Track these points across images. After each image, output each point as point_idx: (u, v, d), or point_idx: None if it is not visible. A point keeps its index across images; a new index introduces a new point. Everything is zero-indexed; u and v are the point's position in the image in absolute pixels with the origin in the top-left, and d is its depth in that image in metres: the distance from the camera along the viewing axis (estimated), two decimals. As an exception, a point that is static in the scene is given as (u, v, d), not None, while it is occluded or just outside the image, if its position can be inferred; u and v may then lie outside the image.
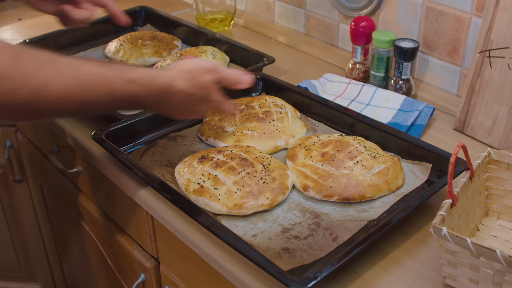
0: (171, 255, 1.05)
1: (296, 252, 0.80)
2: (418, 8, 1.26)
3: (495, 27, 1.04)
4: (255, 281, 0.79)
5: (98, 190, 1.25)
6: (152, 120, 1.09)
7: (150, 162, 1.01)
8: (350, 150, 0.95)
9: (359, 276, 0.80)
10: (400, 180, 0.94)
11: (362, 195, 0.90)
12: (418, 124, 1.12)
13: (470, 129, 1.12)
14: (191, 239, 0.88)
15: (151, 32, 1.45)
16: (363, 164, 0.93)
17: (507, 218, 0.89)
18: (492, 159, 0.87)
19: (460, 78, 1.24)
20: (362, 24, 1.26)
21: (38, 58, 0.72)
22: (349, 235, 0.83)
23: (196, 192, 0.90)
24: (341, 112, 1.09)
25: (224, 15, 1.61)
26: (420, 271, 0.81)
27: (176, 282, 1.06)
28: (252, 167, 0.92)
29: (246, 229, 0.86)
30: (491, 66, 1.06)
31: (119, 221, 1.20)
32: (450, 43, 1.22)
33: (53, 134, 1.35)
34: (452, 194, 0.77)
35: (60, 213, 1.56)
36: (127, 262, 1.22)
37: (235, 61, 1.37)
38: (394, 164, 0.95)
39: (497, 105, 1.06)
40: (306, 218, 0.88)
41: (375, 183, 0.91)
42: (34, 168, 1.61)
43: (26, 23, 1.67)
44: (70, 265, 1.71)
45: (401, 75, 1.21)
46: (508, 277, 0.69)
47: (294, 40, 1.54)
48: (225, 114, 1.07)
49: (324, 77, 1.28)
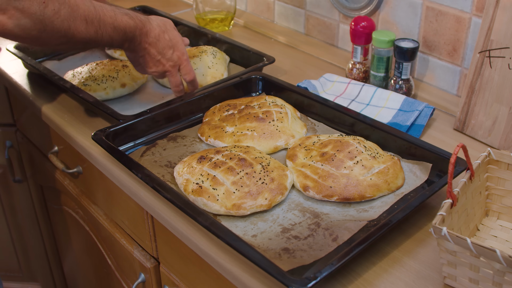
0: (171, 255, 1.05)
1: (296, 253, 0.80)
2: (418, 8, 1.26)
3: (495, 27, 1.04)
4: (255, 281, 0.79)
5: (98, 190, 1.25)
6: (152, 120, 1.09)
7: (150, 162, 1.01)
8: (350, 150, 0.95)
9: (359, 276, 0.80)
10: (400, 180, 0.94)
11: (362, 195, 0.90)
12: (418, 124, 1.12)
13: (470, 129, 1.12)
14: (191, 239, 0.88)
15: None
16: (363, 164, 0.93)
17: (507, 218, 0.89)
18: (492, 159, 0.87)
19: (460, 78, 1.24)
20: (362, 24, 1.26)
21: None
22: (349, 235, 0.83)
23: (195, 192, 0.90)
24: (341, 112, 1.09)
25: (224, 15, 1.61)
26: (420, 271, 0.81)
27: (176, 282, 1.06)
28: (251, 167, 0.92)
29: (246, 229, 0.86)
30: (491, 66, 1.06)
31: (119, 221, 1.20)
32: (450, 43, 1.22)
33: (53, 134, 1.35)
34: (452, 194, 0.77)
35: (60, 213, 1.56)
36: (127, 262, 1.22)
37: (235, 61, 1.37)
38: (394, 164, 0.95)
39: (497, 105, 1.06)
40: (306, 218, 0.88)
41: (375, 183, 0.91)
42: (34, 168, 1.61)
43: (26, 23, 1.67)
44: (70, 265, 1.71)
45: (401, 75, 1.21)
46: (508, 277, 0.69)
47: (294, 40, 1.54)
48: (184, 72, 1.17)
49: (324, 77, 1.28)
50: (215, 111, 1.12)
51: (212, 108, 1.14)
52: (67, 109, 1.21)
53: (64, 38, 0.95)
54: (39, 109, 1.24)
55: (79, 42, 0.99)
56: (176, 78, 1.16)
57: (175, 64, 1.14)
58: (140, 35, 1.07)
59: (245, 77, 1.22)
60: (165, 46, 1.11)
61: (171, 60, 1.13)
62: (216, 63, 1.29)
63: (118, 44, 1.06)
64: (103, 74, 1.24)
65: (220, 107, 1.13)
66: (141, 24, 1.07)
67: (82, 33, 0.97)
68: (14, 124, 1.62)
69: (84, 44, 1.00)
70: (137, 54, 1.11)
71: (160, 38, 1.10)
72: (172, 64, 1.13)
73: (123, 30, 1.03)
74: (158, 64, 1.12)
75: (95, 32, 0.99)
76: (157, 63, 1.12)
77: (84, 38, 0.98)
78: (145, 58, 1.11)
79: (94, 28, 0.98)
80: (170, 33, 1.12)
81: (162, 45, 1.10)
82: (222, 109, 1.11)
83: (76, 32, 0.96)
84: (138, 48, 1.09)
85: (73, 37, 0.96)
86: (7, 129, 1.63)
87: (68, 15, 0.93)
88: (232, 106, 1.11)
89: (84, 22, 0.96)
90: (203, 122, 1.11)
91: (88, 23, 0.97)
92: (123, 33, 1.04)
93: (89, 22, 0.97)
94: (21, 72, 1.37)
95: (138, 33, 1.06)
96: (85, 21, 0.96)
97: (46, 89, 1.29)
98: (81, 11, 0.95)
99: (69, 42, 0.97)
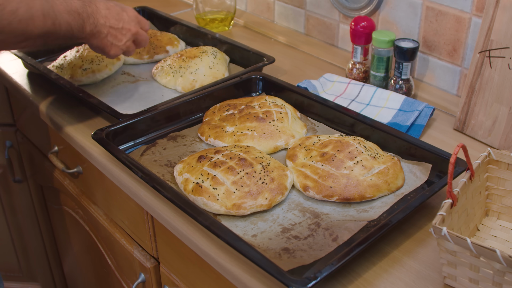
0: (171, 255, 1.05)
1: (296, 253, 0.80)
2: (418, 8, 1.26)
3: (495, 27, 1.04)
4: (255, 281, 0.79)
5: (98, 190, 1.25)
6: (152, 119, 1.09)
7: (150, 162, 1.01)
8: (350, 150, 0.95)
9: (359, 276, 0.80)
10: (400, 180, 0.94)
11: (362, 195, 0.90)
12: (418, 124, 1.12)
13: (470, 129, 1.12)
14: (191, 239, 0.88)
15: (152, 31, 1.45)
16: (363, 164, 0.93)
17: (507, 218, 0.89)
18: (492, 159, 0.87)
19: (460, 78, 1.24)
20: (362, 24, 1.26)
21: None
22: (349, 235, 0.83)
23: (195, 191, 0.90)
24: (341, 112, 1.09)
25: (224, 15, 1.61)
26: (420, 271, 0.81)
27: (176, 282, 1.06)
28: (251, 167, 0.92)
29: (246, 229, 0.86)
30: (491, 66, 1.06)
31: (119, 221, 1.20)
32: (450, 43, 1.22)
33: (53, 134, 1.35)
34: (452, 194, 0.77)
35: (60, 213, 1.56)
36: (127, 262, 1.22)
37: (235, 61, 1.37)
38: (394, 164, 0.95)
39: (497, 105, 1.06)
40: (306, 218, 0.88)
41: (375, 183, 0.91)
42: (34, 168, 1.61)
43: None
44: (70, 265, 1.71)
45: (401, 75, 1.21)
46: (508, 277, 0.69)
47: (294, 40, 1.54)
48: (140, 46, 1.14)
49: (324, 77, 1.28)
50: (215, 111, 1.12)
51: (212, 108, 1.14)
52: (67, 109, 1.21)
53: (22, 36, 0.92)
54: (39, 109, 1.24)
55: (38, 37, 0.94)
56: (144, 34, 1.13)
57: (136, 22, 1.10)
58: (92, 12, 1.02)
59: (245, 77, 1.22)
60: (118, 11, 1.07)
61: (132, 20, 1.09)
62: (217, 63, 1.29)
63: (78, 29, 1.00)
64: (95, 55, 1.29)
65: (220, 107, 1.13)
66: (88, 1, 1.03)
67: (39, 28, 0.92)
68: (14, 124, 1.62)
69: (43, 39, 0.96)
70: (101, 34, 1.05)
71: (109, 6, 1.06)
72: (135, 23, 1.10)
73: (76, 11, 0.99)
74: (125, 31, 1.08)
75: (53, 23, 0.94)
76: (124, 32, 1.08)
77: (42, 33, 0.94)
78: (111, 34, 1.06)
79: (51, 20, 0.94)
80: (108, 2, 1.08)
81: (115, 10, 1.07)
82: (222, 109, 1.11)
83: (34, 28, 0.91)
84: (99, 27, 1.04)
85: (31, 33, 0.92)
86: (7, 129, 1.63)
87: (25, 13, 0.89)
88: (232, 106, 1.11)
89: (41, 16, 0.92)
90: (203, 121, 1.11)
91: (45, 16, 0.92)
92: (77, 14, 0.99)
93: (46, 14, 0.92)
94: (21, 72, 1.37)
95: (90, 10, 1.02)
96: (42, 15, 0.92)
97: (46, 89, 1.29)
98: (37, 5, 0.91)
99: (27, 39, 0.93)
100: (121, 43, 1.08)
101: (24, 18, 0.89)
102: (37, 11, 0.91)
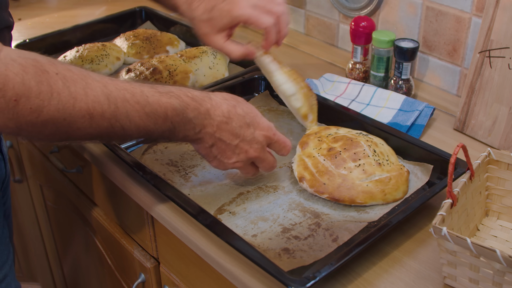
0: (171, 255, 1.05)
1: (296, 253, 0.80)
2: (418, 8, 1.26)
3: (495, 27, 1.04)
4: (255, 281, 0.79)
5: (98, 190, 1.25)
6: (152, 120, 1.09)
7: (151, 160, 1.01)
8: (356, 151, 0.93)
9: (359, 276, 0.80)
10: (400, 193, 0.91)
11: (352, 199, 0.89)
12: (418, 124, 1.12)
13: (470, 129, 1.12)
14: (191, 239, 0.88)
15: (152, 31, 1.45)
16: (364, 168, 0.91)
17: (507, 218, 0.89)
18: (492, 159, 0.87)
19: (460, 78, 1.24)
20: (362, 24, 1.26)
21: (66, 74, 0.68)
22: (349, 236, 0.83)
23: None
24: (341, 112, 1.09)
25: (224, 15, 1.60)
26: (420, 271, 0.81)
27: (176, 282, 1.06)
28: None
29: (246, 229, 0.86)
30: (491, 66, 1.06)
31: (119, 221, 1.20)
32: (450, 43, 1.22)
33: (53, 134, 1.35)
34: (452, 194, 0.77)
35: (60, 213, 1.56)
36: (127, 262, 1.22)
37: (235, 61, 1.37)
38: (400, 175, 0.92)
39: (497, 105, 1.06)
40: (307, 218, 0.88)
41: (370, 190, 0.89)
42: (34, 168, 1.61)
43: (26, 23, 1.67)
44: (70, 265, 1.71)
45: (401, 75, 1.21)
46: (508, 277, 0.69)
47: (294, 40, 1.54)
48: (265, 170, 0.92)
49: (324, 77, 1.28)
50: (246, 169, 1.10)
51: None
52: (67, 109, 1.21)
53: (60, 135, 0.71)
54: (39, 109, 1.24)
55: (84, 140, 0.74)
56: (268, 161, 0.89)
57: (262, 146, 0.87)
58: (197, 117, 0.80)
59: (247, 77, 1.22)
60: (241, 124, 0.84)
61: (255, 142, 0.86)
62: (217, 63, 1.29)
63: (160, 135, 0.79)
64: (95, 55, 1.30)
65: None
66: (194, 102, 0.80)
67: (83, 130, 0.71)
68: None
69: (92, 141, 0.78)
70: (204, 143, 0.84)
71: (231, 115, 0.83)
72: (258, 147, 0.86)
73: (162, 115, 0.76)
74: (239, 151, 0.85)
75: (110, 125, 0.72)
76: (237, 151, 0.86)
77: (89, 135, 0.73)
78: (219, 147, 0.85)
79: (107, 122, 0.72)
80: (243, 106, 0.86)
81: (237, 123, 0.84)
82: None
83: (75, 129, 0.70)
84: (203, 134, 0.83)
85: (72, 135, 0.71)
86: (7, 129, 1.63)
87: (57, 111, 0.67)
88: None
89: (87, 118, 0.70)
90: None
91: (94, 117, 0.71)
92: (162, 119, 0.77)
93: (97, 116, 0.71)
94: (21, 72, 1.36)
95: (193, 115, 0.80)
96: (89, 115, 0.70)
97: (46, 89, 1.29)
98: (82, 103, 0.69)
99: (69, 139, 0.73)
100: (229, 161, 0.86)
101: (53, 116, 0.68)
102: (80, 109, 0.70)
